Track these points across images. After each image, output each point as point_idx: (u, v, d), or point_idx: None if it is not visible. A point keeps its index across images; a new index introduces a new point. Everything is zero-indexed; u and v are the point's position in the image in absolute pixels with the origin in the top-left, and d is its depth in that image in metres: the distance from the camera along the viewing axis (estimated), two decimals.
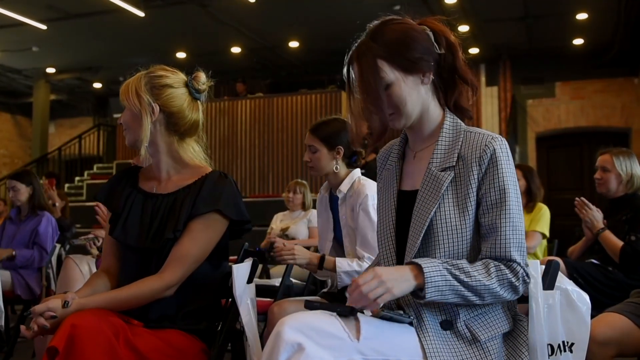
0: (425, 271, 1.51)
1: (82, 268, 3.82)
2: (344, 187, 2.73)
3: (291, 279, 3.53)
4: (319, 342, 1.42)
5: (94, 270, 3.86)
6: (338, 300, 2.59)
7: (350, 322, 1.49)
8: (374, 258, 2.45)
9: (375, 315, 1.54)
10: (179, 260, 1.84)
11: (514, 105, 11.82)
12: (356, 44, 1.70)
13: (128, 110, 1.95)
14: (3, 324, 3.17)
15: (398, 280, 1.50)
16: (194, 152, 2.04)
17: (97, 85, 14.06)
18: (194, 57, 11.51)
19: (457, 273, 1.53)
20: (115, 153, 14.54)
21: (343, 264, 2.58)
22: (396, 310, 1.61)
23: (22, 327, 1.71)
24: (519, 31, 10.45)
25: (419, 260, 1.54)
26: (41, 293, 4.48)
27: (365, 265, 2.54)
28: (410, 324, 1.57)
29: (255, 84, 12.48)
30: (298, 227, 5.50)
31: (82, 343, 1.55)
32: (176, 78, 2.00)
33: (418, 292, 1.53)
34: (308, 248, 4.51)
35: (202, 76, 2.04)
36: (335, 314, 1.51)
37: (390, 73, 1.63)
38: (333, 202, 2.83)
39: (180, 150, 2.01)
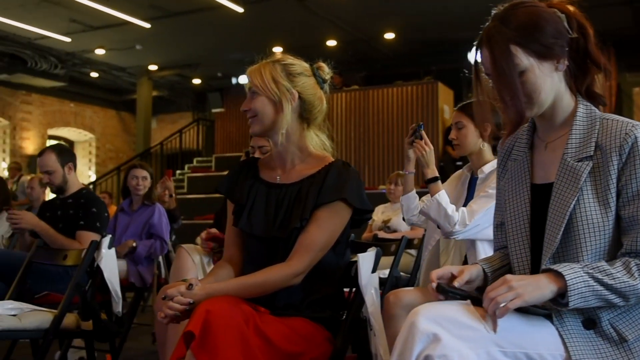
0: (567, 278, 1.43)
1: (194, 257, 3.92)
2: (488, 168, 2.70)
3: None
4: (454, 333, 1.39)
5: (206, 260, 3.97)
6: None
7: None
8: (464, 227, 2.46)
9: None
10: (306, 248, 1.85)
11: (619, 93, 11.29)
12: (485, 29, 1.62)
13: (261, 97, 1.96)
14: (120, 309, 3.30)
15: (530, 286, 1.43)
16: (319, 140, 2.04)
17: (196, 81, 14.45)
18: (290, 51, 11.44)
19: (600, 276, 1.44)
20: (213, 147, 14.95)
21: (444, 198, 2.56)
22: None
23: (160, 314, 1.75)
24: (623, 16, 9.97)
25: (557, 267, 1.46)
26: (152, 281, 4.63)
27: (456, 216, 2.50)
28: (547, 316, 1.51)
29: (351, 77, 12.47)
30: (400, 218, 5.45)
31: (216, 329, 1.58)
32: (306, 66, 2.03)
33: (559, 299, 1.46)
34: (412, 240, 4.48)
35: (325, 66, 2.05)
36: (468, 301, 1.47)
37: (524, 59, 1.54)
38: (472, 182, 2.80)
39: (307, 139, 2.02)
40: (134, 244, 4.46)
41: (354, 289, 2.00)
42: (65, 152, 3.78)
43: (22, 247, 3.75)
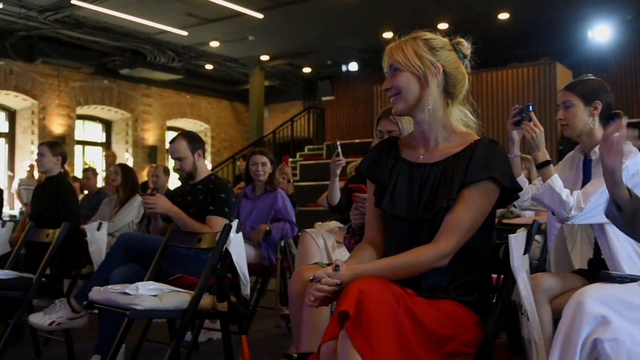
0: None
1: (318, 242, 3.94)
2: None
3: None
4: (626, 315, 1.31)
5: (329, 244, 3.98)
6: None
7: None
8: (580, 211, 2.31)
9: None
10: (453, 229, 1.80)
11: None
12: None
13: (404, 73, 1.92)
14: (248, 292, 3.36)
15: None
16: (462, 117, 1.98)
17: (307, 69, 14.59)
18: (401, 36, 11.44)
19: None
20: (324, 134, 15.07)
21: (557, 182, 2.43)
22: None
23: (309, 297, 1.73)
24: None
25: None
26: (276, 264, 4.71)
27: (572, 200, 2.36)
28: None
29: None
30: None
31: (369, 309, 1.56)
32: (446, 41, 1.97)
33: None
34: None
35: (465, 42, 1.99)
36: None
37: None
38: (586, 165, 2.65)
39: (450, 116, 1.96)
40: (268, 228, 4.54)
41: (502, 272, 1.92)
42: (195, 139, 3.89)
43: (154, 231, 3.90)
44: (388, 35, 11.73)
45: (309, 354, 1.86)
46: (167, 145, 12.97)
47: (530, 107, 2.72)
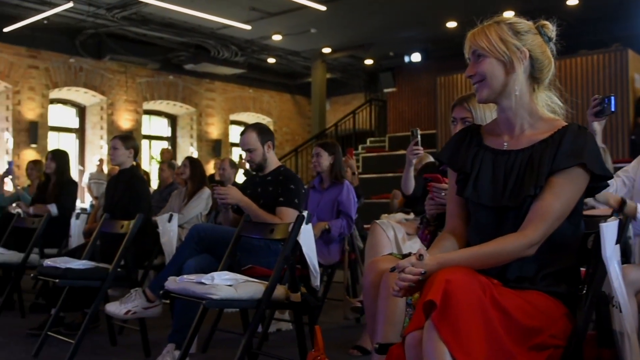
0: None
1: (389, 233, 3.91)
2: None
3: None
4: None
5: (400, 235, 3.94)
6: None
7: None
8: None
9: None
10: (541, 217, 1.74)
11: None
12: None
13: (488, 59, 1.86)
14: (318, 283, 3.36)
15: None
16: (548, 103, 1.92)
17: (368, 61, 14.52)
18: (465, 26, 11.27)
19: None
20: (386, 127, 14.98)
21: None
22: None
23: (393, 287, 1.70)
24: None
25: None
26: (343, 258, 4.70)
27: None
28: None
29: None
30: None
31: (457, 299, 1.52)
32: (531, 24, 1.92)
33: None
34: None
35: (549, 24, 1.92)
36: None
37: None
38: None
39: (537, 101, 1.90)
40: (327, 226, 4.53)
41: (592, 262, 1.85)
42: (265, 131, 3.90)
43: (224, 222, 3.94)
44: (452, 24, 11.55)
45: (389, 345, 1.84)
46: (231, 139, 13.13)
47: (613, 99, 2.61)
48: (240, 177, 7.96)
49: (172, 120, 14.65)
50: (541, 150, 1.82)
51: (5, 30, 10.79)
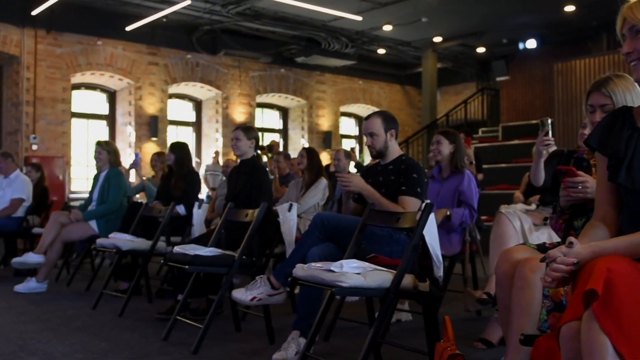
0: None
1: (515, 223, 3.79)
2: None
3: None
4: None
5: (526, 225, 3.81)
6: None
7: None
8: None
9: None
10: None
11: None
12: None
13: None
14: (441, 274, 3.29)
15: None
16: None
17: (480, 49, 14.16)
18: (584, 9, 10.83)
19: None
20: (499, 116, 14.59)
21: None
22: None
23: (544, 278, 1.63)
24: None
25: None
26: (464, 249, 4.59)
27: None
28: None
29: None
30: None
31: (620, 289, 1.44)
32: None
33: None
34: None
35: None
36: None
37: None
38: None
39: None
40: (448, 213, 4.44)
41: None
42: (390, 119, 3.88)
43: (345, 212, 3.94)
44: (570, 8, 11.06)
45: (536, 337, 1.77)
46: (341, 131, 13.14)
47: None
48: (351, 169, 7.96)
49: (284, 112, 14.89)
50: None
51: (128, 29, 11.31)
